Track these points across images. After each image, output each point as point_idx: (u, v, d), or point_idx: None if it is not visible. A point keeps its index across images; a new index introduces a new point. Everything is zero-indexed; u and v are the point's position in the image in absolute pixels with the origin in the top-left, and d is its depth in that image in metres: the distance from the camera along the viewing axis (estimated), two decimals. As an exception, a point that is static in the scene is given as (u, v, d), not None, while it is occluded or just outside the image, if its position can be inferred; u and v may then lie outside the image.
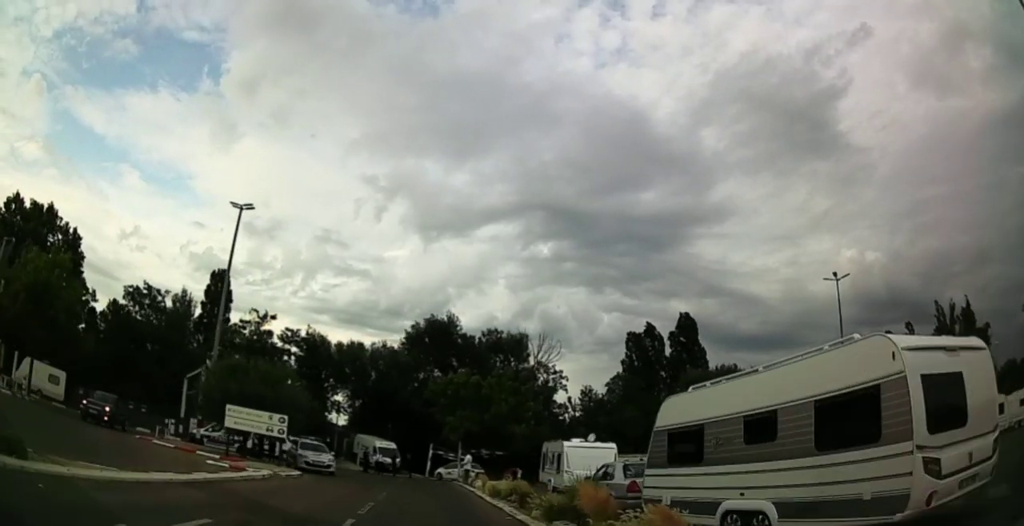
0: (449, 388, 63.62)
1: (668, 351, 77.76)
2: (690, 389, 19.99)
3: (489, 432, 60.79)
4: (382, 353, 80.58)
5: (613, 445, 40.35)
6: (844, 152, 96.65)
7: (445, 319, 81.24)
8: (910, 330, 39.19)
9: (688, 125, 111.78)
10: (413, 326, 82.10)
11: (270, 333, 75.82)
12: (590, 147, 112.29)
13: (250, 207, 52.63)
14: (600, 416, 67.44)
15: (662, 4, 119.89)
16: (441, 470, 59.52)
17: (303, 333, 78.10)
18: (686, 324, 77.78)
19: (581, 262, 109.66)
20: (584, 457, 35.89)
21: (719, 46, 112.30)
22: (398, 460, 58.38)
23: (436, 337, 79.58)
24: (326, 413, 74.41)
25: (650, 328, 79.37)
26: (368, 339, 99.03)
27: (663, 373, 75.30)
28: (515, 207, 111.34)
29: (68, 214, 62.70)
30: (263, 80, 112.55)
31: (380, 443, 60.70)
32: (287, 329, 77.51)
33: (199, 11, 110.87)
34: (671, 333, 77.81)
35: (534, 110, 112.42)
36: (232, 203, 51.07)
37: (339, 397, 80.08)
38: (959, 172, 79.27)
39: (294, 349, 77.40)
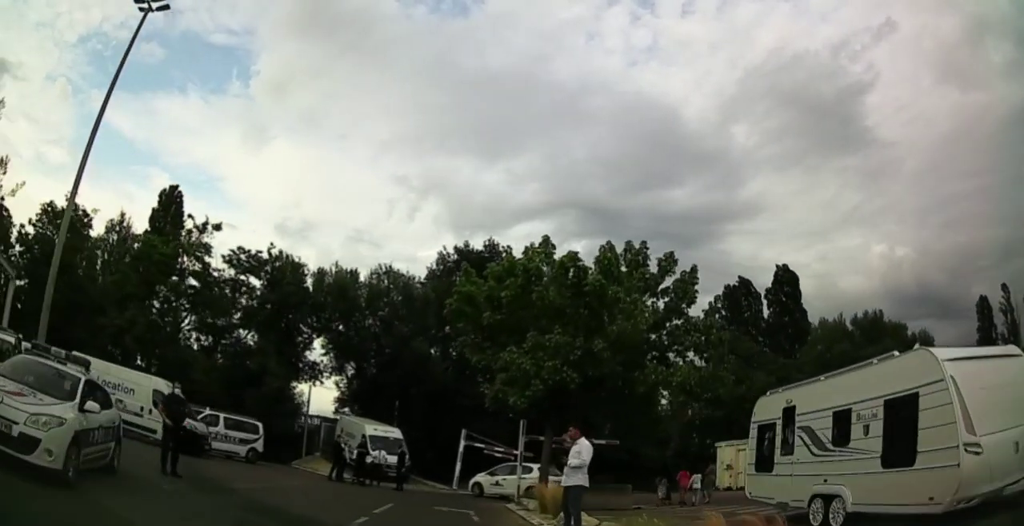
0: (501, 292, 39.15)
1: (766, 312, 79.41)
2: (780, 389, 26.36)
3: (591, 390, 39.06)
4: (386, 287, 68.53)
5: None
6: (871, 147, 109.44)
7: (486, 249, 69.33)
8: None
9: (718, 122, 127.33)
10: (440, 254, 71.30)
11: (206, 248, 62.46)
12: (621, 145, 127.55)
13: (165, 7, 40.17)
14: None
15: (691, 2, 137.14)
16: (482, 477, 45.48)
17: (266, 255, 64.63)
18: (785, 278, 78.77)
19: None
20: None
21: (747, 43, 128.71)
22: (406, 458, 44.76)
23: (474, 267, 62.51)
24: (294, 383, 62.92)
25: (745, 283, 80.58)
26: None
27: (761, 338, 75.39)
28: (547, 206, 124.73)
29: (97, 218, 62.88)
30: (293, 82, 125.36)
31: (373, 429, 49.22)
32: (238, 249, 64.06)
33: (227, 14, 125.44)
34: (767, 290, 79.67)
35: (565, 108, 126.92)
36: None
37: (321, 357, 67.58)
38: (984, 166, 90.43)
39: (251, 280, 64.59)
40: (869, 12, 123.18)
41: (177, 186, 65.56)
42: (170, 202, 64.81)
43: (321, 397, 79.04)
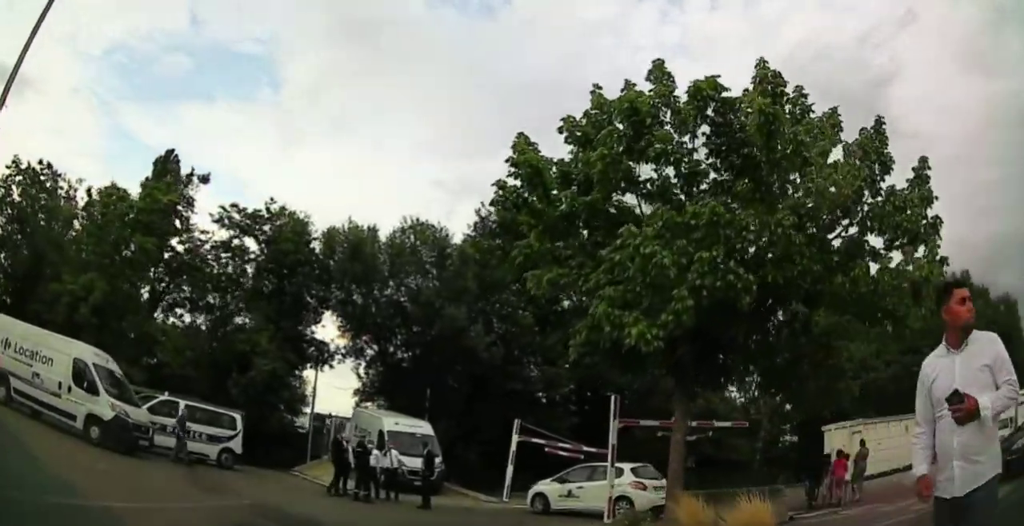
0: (592, 156, 26.05)
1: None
2: None
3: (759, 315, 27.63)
4: (412, 243, 60.03)
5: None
6: (898, 138, 78.48)
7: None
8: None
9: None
10: (479, 213, 60.35)
11: (189, 203, 55.50)
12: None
13: None
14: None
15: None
16: (546, 486, 36.24)
17: (265, 212, 57.03)
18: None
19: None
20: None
21: (774, 36, 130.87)
22: (436, 462, 37.37)
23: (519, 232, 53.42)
24: (298, 370, 55.68)
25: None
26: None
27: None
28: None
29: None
30: (323, 88, 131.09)
31: (394, 423, 42.86)
32: (230, 207, 56.70)
33: (253, 23, 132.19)
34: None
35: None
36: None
37: (334, 338, 59.64)
38: (1010, 155, 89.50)
39: (247, 243, 56.94)
40: (891, 2, 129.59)
41: (173, 150, 58.40)
42: (164, 170, 57.30)
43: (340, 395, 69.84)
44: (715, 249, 22.31)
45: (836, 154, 26.85)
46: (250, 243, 56.32)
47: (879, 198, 25.68)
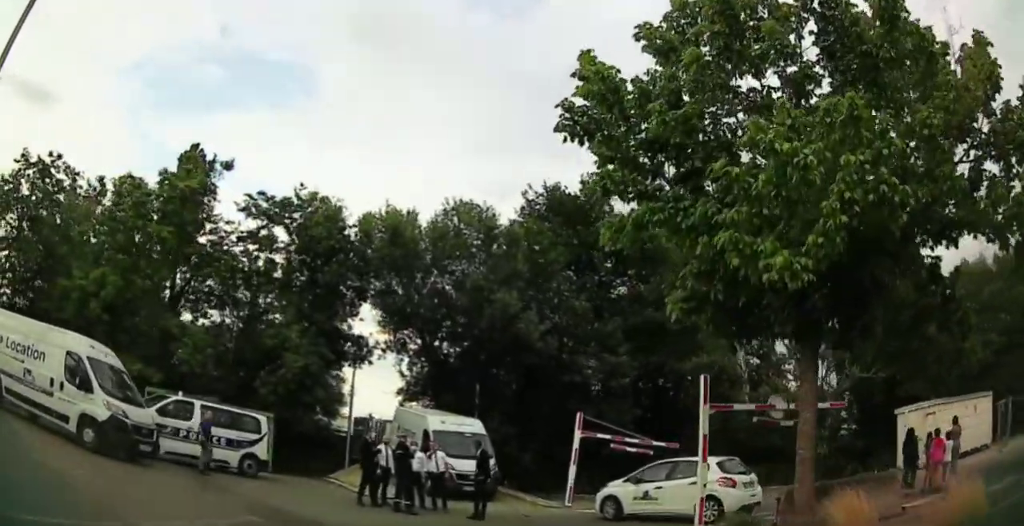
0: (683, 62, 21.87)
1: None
2: None
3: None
4: (455, 225, 56.21)
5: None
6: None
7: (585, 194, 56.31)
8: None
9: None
10: (526, 196, 59.01)
11: (212, 191, 51.69)
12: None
13: None
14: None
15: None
16: (618, 487, 31.78)
17: (294, 198, 53.46)
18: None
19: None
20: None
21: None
22: (490, 463, 33.07)
23: (569, 214, 57.31)
24: (334, 368, 51.55)
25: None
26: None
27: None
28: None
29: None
30: (356, 92, 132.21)
31: (440, 422, 39.03)
32: (257, 194, 53.10)
33: (284, 30, 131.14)
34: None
35: None
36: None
37: (372, 332, 55.74)
38: None
39: (276, 233, 53.47)
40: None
41: (199, 144, 54.19)
42: (188, 160, 53.41)
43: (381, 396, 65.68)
44: (861, 152, 17.59)
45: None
46: (279, 233, 52.94)
47: (994, 117, 21.96)
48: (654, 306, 46.86)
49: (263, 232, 52.48)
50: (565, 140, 22.95)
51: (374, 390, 64.28)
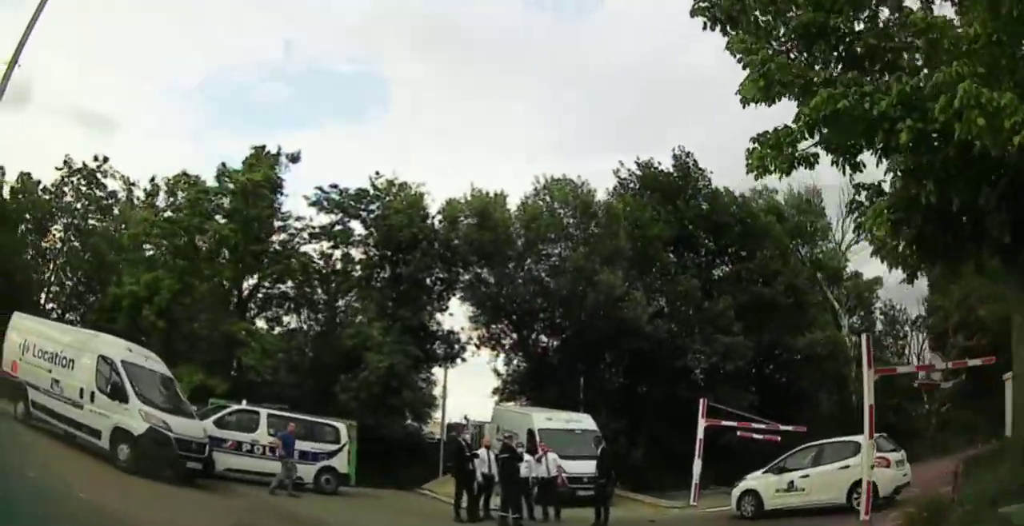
0: None
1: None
2: None
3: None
4: (549, 203, 52.61)
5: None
6: None
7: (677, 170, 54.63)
8: None
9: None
10: (617, 175, 55.26)
11: (276, 186, 48.09)
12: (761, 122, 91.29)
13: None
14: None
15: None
16: (757, 480, 28.06)
17: (370, 188, 50.35)
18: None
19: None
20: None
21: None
22: (608, 463, 27.81)
23: (665, 191, 54.38)
24: (423, 368, 48.28)
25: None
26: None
27: None
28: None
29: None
30: (427, 99, 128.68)
31: (546, 420, 35.28)
32: (330, 187, 50.20)
33: (348, 43, 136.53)
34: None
35: (698, 95, 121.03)
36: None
37: (463, 328, 52.35)
38: None
39: (351, 227, 50.14)
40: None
41: (265, 145, 50.76)
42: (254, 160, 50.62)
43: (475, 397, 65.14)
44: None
45: None
46: (355, 226, 49.58)
47: None
48: (760, 282, 47.88)
49: (337, 227, 48.96)
50: (705, 27, 18.16)
51: (467, 391, 60.80)
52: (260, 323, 48.07)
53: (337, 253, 49.41)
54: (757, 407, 40.82)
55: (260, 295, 49.01)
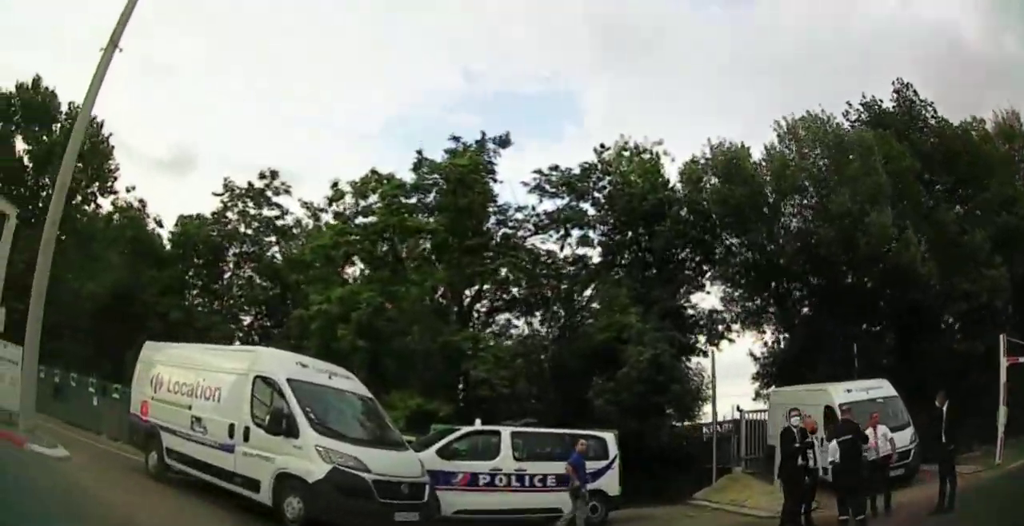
0: None
1: None
2: None
3: None
4: (797, 148, 45.49)
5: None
6: None
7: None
8: None
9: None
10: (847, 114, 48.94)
11: (486, 171, 43.11)
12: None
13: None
14: None
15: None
16: None
17: (597, 162, 45.39)
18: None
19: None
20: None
21: None
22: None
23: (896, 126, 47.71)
24: (685, 357, 42.29)
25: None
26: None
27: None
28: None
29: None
30: (622, 109, 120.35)
31: (845, 391, 29.62)
32: (550, 169, 45.06)
33: (530, 63, 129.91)
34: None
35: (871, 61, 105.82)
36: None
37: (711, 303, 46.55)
38: None
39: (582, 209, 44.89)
40: None
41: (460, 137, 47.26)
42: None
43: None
44: None
45: None
46: (585, 208, 44.57)
47: None
48: (1001, 212, 42.46)
49: (565, 213, 43.87)
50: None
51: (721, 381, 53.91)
52: (486, 330, 43.57)
53: (571, 240, 44.03)
54: None
55: (483, 299, 44.70)
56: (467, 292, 42.80)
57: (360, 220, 42.96)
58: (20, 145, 50.53)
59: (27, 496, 13.23)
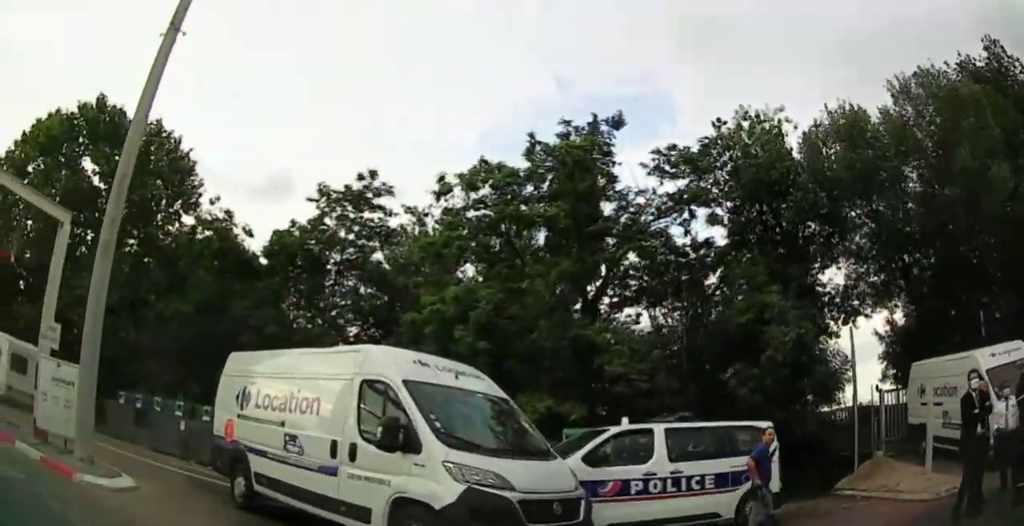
0: None
1: None
2: None
3: None
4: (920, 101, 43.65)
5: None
6: None
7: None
8: None
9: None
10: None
11: (603, 152, 41.85)
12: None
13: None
14: None
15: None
16: None
17: (716, 138, 43.40)
18: None
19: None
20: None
21: None
22: None
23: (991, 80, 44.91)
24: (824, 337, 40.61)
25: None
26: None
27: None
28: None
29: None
30: (715, 101, 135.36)
31: (990, 355, 28.03)
32: (667, 149, 42.94)
33: (615, 64, 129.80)
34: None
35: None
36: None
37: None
38: None
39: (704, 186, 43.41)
40: None
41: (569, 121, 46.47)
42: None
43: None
44: None
45: None
46: (707, 187, 42.70)
47: None
48: None
49: (687, 193, 41.83)
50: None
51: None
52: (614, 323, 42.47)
53: (695, 222, 42.17)
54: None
55: (611, 288, 43.17)
56: (589, 287, 41.01)
57: (471, 214, 40.77)
58: (88, 165, 50.64)
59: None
